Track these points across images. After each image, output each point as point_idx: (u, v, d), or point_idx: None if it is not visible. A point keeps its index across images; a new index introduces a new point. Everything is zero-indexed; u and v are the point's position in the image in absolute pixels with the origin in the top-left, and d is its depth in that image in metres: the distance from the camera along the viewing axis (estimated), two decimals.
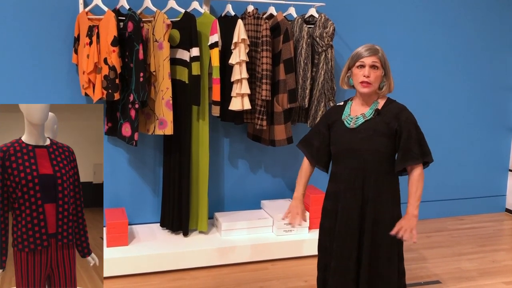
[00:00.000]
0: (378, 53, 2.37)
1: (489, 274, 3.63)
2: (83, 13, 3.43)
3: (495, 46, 4.73)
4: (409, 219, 2.36)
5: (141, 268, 3.42)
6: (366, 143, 2.38)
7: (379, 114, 2.39)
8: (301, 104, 3.75)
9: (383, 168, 2.39)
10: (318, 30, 3.70)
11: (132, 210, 3.92)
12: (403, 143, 2.35)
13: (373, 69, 2.37)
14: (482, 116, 4.82)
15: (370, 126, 2.39)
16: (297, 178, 2.69)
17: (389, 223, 2.39)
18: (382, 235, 2.40)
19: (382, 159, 2.39)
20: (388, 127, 2.36)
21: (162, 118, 3.45)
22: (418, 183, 2.39)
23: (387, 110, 2.40)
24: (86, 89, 3.40)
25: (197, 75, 3.46)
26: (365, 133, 2.38)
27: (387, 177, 2.41)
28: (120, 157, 3.85)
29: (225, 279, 3.43)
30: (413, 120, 2.39)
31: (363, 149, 2.39)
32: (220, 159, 4.08)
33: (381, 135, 2.36)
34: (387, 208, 2.41)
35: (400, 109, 2.41)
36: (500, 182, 4.98)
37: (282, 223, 3.77)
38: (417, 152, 2.35)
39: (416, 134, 2.37)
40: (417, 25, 4.43)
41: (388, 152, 2.39)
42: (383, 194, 2.40)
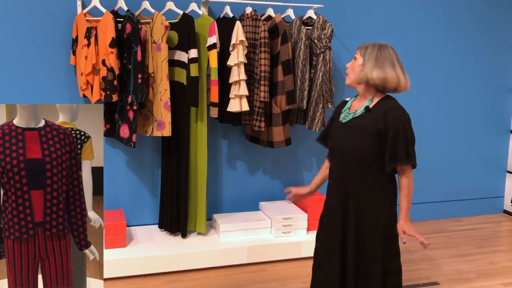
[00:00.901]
0: (363, 45, 2.42)
1: (487, 275, 3.63)
2: (81, 15, 3.43)
3: (493, 47, 4.74)
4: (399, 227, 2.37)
5: (139, 269, 3.41)
6: (351, 140, 2.39)
7: (369, 112, 2.37)
8: (299, 106, 3.76)
9: (367, 166, 2.37)
10: (316, 32, 3.71)
11: (130, 211, 3.91)
12: (389, 143, 2.30)
13: (353, 60, 2.43)
14: (480, 118, 4.83)
15: (358, 123, 2.38)
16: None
17: (375, 221, 2.38)
18: (366, 233, 2.40)
19: (365, 157, 2.36)
20: (375, 126, 2.32)
21: (160, 120, 3.45)
22: (404, 194, 2.35)
23: (378, 108, 2.36)
24: (84, 90, 3.40)
25: (195, 77, 3.46)
26: (351, 130, 2.39)
27: (371, 176, 2.37)
28: (118, 158, 3.84)
29: (224, 280, 3.43)
30: (401, 120, 2.30)
31: (348, 146, 2.40)
32: (218, 160, 4.08)
33: (366, 133, 2.34)
34: (373, 206, 2.38)
35: (390, 107, 2.33)
36: (498, 183, 4.99)
37: (281, 224, 3.77)
38: (403, 154, 2.29)
39: (403, 135, 2.29)
40: (415, 27, 4.44)
41: (373, 151, 2.34)
42: (367, 192, 2.38)
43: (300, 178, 4.33)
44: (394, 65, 2.36)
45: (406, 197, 2.35)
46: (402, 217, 2.36)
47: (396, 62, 2.37)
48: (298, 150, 4.28)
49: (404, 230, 2.35)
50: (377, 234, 2.38)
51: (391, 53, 2.38)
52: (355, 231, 2.40)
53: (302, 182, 4.33)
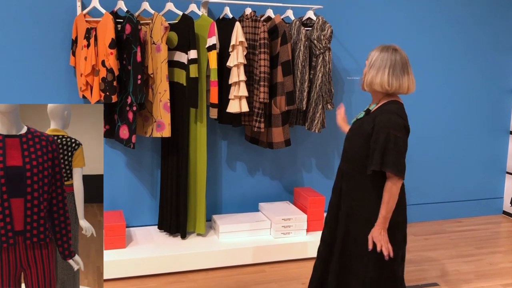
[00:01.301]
0: (370, 51, 2.44)
1: (487, 276, 3.63)
2: (81, 16, 3.43)
3: (493, 48, 4.75)
4: (370, 233, 2.34)
5: (139, 270, 3.41)
6: (350, 141, 2.47)
7: (368, 115, 2.42)
8: (299, 107, 3.76)
9: (360, 167, 2.39)
10: (315, 33, 3.71)
11: (130, 212, 3.91)
12: (371, 147, 2.31)
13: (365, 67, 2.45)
14: (480, 119, 4.83)
15: (357, 125, 2.46)
16: None
17: (365, 221, 2.38)
18: (355, 232, 2.43)
19: (355, 158, 2.42)
20: (365, 129, 2.36)
21: (160, 121, 3.45)
22: (384, 200, 2.30)
23: (375, 111, 2.39)
24: (84, 91, 3.40)
25: (195, 78, 3.46)
26: (352, 132, 2.49)
27: (363, 177, 2.38)
28: (117, 159, 3.84)
29: (223, 281, 3.43)
30: (386, 125, 2.27)
31: (347, 146, 2.49)
32: (218, 161, 4.08)
33: (359, 135, 2.40)
34: (363, 206, 2.40)
35: (381, 111, 2.34)
36: (498, 184, 4.99)
37: (280, 225, 3.77)
38: (377, 159, 2.25)
39: (383, 141, 2.25)
40: (415, 27, 4.44)
41: (360, 152, 2.38)
42: (358, 191, 2.42)
43: (300, 179, 4.33)
44: (388, 68, 2.34)
45: (384, 204, 2.29)
46: (377, 223, 2.31)
47: (393, 65, 2.34)
48: (298, 151, 4.28)
49: (373, 237, 2.32)
50: (364, 234, 2.38)
51: (389, 57, 2.36)
52: (345, 228, 2.47)
53: (301, 183, 4.33)
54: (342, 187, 2.50)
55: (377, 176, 2.33)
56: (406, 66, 2.37)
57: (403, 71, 2.36)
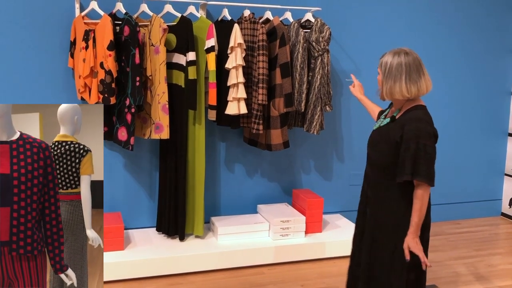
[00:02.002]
0: (381, 57, 2.43)
1: (486, 278, 3.63)
2: (79, 17, 3.43)
3: (492, 50, 4.75)
4: (405, 242, 2.32)
5: (137, 272, 3.40)
6: (375, 148, 2.43)
7: (393, 122, 2.38)
8: (298, 109, 3.76)
9: (383, 174, 2.39)
10: (314, 35, 3.71)
11: (128, 214, 3.90)
12: (400, 156, 2.28)
13: (378, 74, 2.44)
14: (478, 121, 4.83)
15: (382, 132, 2.41)
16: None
17: (392, 228, 2.37)
18: (382, 239, 2.42)
19: (383, 165, 2.39)
20: (393, 137, 2.33)
21: (158, 123, 3.45)
22: (415, 208, 2.28)
23: (401, 119, 2.35)
24: (82, 93, 3.40)
25: (194, 79, 3.46)
26: (375, 138, 2.45)
27: (390, 184, 2.36)
28: (116, 161, 3.84)
29: (222, 283, 3.42)
30: (416, 134, 2.24)
31: (373, 153, 2.46)
32: (217, 163, 4.08)
33: (385, 142, 2.36)
34: (389, 213, 2.38)
35: (410, 120, 2.30)
36: (496, 186, 4.99)
37: (279, 227, 3.76)
38: (408, 168, 2.24)
39: (414, 149, 2.23)
40: (413, 29, 4.45)
41: (392, 161, 2.33)
42: (385, 199, 2.40)
43: (299, 181, 4.33)
44: (405, 75, 2.32)
45: (416, 212, 2.27)
46: (410, 232, 2.30)
47: (408, 71, 2.32)
48: (296, 153, 4.28)
49: (409, 246, 2.29)
50: (395, 242, 2.36)
51: (403, 62, 2.33)
52: (372, 235, 2.46)
53: (300, 185, 4.33)
54: (368, 194, 2.50)
55: (406, 183, 2.31)
56: (420, 68, 2.35)
57: (419, 74, 2.34)
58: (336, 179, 4.43)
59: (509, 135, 4.93)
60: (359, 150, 4.44)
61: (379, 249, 2.42)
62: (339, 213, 4.43)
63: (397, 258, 2.35)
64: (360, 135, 4.42)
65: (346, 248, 3.85)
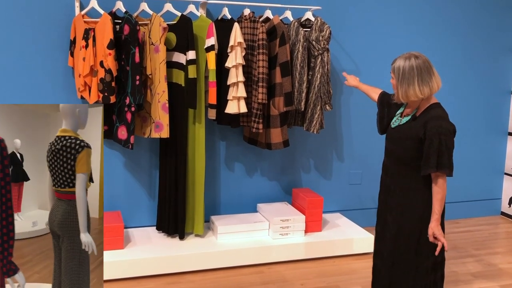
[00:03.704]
0: (392, 63, 2.57)
1: (485, 277, 3.63)
2: (79, 16, 3.42)
3: (491, 50, 4.75)
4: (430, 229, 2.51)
5: (137, 271, 3.41)
6: (398, 144, 2.61)
7: (414, 120, 2.55)
8: (297, 108, 3.76)
9: (410, 168, 2.56)
10: (314, 34, 3.71)
11: (128, 213, 3.91)
12: (425, 151, 2.47)
13: (391, 78, 2.60)
14: (478, 120, 4.83)
15: (403, 129, 2.59)
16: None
17: (418, 218, 2.55)
18: (409, 228, 2.58)
19: (409, 160, 2.56)
20: (416, 134, 2.51)
21: (158, 121, 3.45)
22: (437, 198, 2.50)
23: (422, 117, 2.53)
24: (82, 92, 3.40)
25: (194, 78, 3.46)
26: (399, 135, 2.61)
27: (414, 177, 2.55)
28: (116, 160, 3.84)
29: (221, 282, 3.43)
30: (439, 130, 2.45)
31: (396, 149, 2.63)
32: (216, 162, 4.08)
33: (409, 139, 2.54)
34: (416, 204, 2.56)
35: (431, 117, 2.49)
36: (496, 185, 5.00)
37: (278, 226, 3.77)
38: (433, 162, 2.44)
39: (437, 144, 2.43)
40: (413, 28, 4.45)
41: (414, 155, 2.52)
42: (410, 191, 2.58)
43: (298, 180, 4.33)
44: (417, 78, 2.49)
45: (439, 201, 2.49)
46: (434, 219, 2.49)
47: (419, 73, 2.49)
48: (296, 152, 4.28)
49: (434, 232, 2.48)
50: (420, 230, 2.55)
51: (414, 66, 2.49)
52: (397, 225, 2.62)
53: (300, 184, 4.33)
54: (391, 187, 2.66)
55: (428, 175, 2.52)
56: (430, 69, 2.52)
57: (429, 75, 2.52)
58: (336, 178, 4.43)
59: (509, 134, 4.93)
60: (359, 149, 4.44)
61: (404, 237, 2.59)
62: (338, 212, 4.43)
63: (423, 244, 2.54)
64: (360, 134, 4.42)
65: (346, 247, 3.88)
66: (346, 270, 3.67)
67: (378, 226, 2.80)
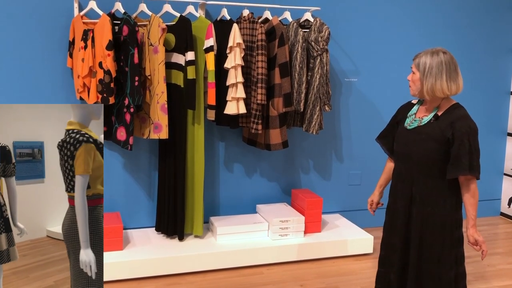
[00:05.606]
0: (415, 58, 2.45)
1: (485, 278, 3.63)
2: (78, 17, 3.42)
3: (491, 50, 4.75)
4: (471, 235, 2.44)
5: (136, 272, 3.40)
6: (419, 146, 2.45)
7: (437, 120, 2.44)
8: (297, 108, 3.76)
9: (432, 172, 2.44)
10: (313, 35, 3.71)
11: (127, 214, 3.90)
12: (454, 152, 2.36)
13: (412, 73, 2.47)
14: (477, 120, 4.77)
15: (426, 130, 2.45)
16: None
17: (441, 226, 2.44)
18: (431, 236, 2.47)
19: (431, 163, 2.43)
20: (442, 134, 2.39)
21: (157, 122, 3.44)
22: (471, 203, 2.40)
23: (446, 116, 2.43)
24: (81, 93, 3.40)
25: (193, 79, 3.46)
26: (419, 136, 2.46)
27: (436, 181, 2.43)
28: (115, 161, 3.83)
29: (221, 283, 3.42)
30: (467, 130, 2.36)
31: (415, 151, 2.47)
32: (216, 163, 4.08)
33: (433, 140, 2.41)
34: (437, 211, 2.45)
35: (458, 117, 2.40)
36: (495, 186, 4.99)
37: (278, 227, 3.76)
38: (466, 164, 2.34)
39: (468, 145, 2.34)
40: (413, 29, 4.45)
41: (439, 158, 2.41)
42: (432, 197, 2.45)
43: (298, 181, 4.32)
44: (446, 73, 2.39)
45: (473, 206, 2.39)
46: (471, 225, 2.41)
47: (448, 69, 2.39)
48: (295, 152, 4.28)
49: (476, 239, 2.41)
50: (443, 238, 2.45)
51: (442, 61, 2.39)
52: (419, 235, 2.48)
53: (299, 185, 4.32)
54: (413, 194, 2.50)
55: (454, 180, 2.41)
56: (456, 66, 2.43)
57: (457, 72, 2.42)
58: (335, 179, 4.43)
59: (508, 134, 4.93)
60: (358, 150, 4.44)
61: (427, 247, 2.47)
62: (338, 213, 4.43)
63: (447, 252, 2.45)
64: (359, 134, 4.42)
65: (345, 248, 3.88)
66: (346, 271, 3.67)
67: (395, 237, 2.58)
